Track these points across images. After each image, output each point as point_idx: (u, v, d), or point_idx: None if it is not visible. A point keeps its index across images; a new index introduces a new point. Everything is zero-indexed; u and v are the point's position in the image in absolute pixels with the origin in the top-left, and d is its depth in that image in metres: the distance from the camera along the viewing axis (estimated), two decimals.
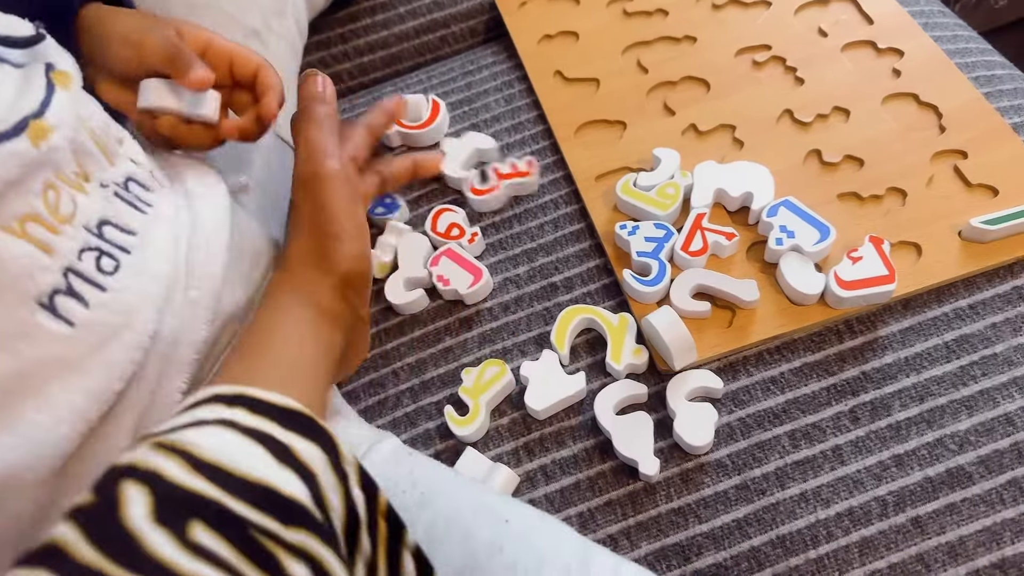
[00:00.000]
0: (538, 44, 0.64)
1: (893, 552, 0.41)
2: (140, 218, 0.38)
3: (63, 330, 0.33)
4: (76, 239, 0.34)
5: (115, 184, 0.38)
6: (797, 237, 0.48)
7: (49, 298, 0.33)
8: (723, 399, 0.47)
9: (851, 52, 0.59)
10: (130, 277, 0.36)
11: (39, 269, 0.32)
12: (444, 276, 0.52)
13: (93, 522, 0.23)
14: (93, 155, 0.37)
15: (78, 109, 0.37)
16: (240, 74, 0.46)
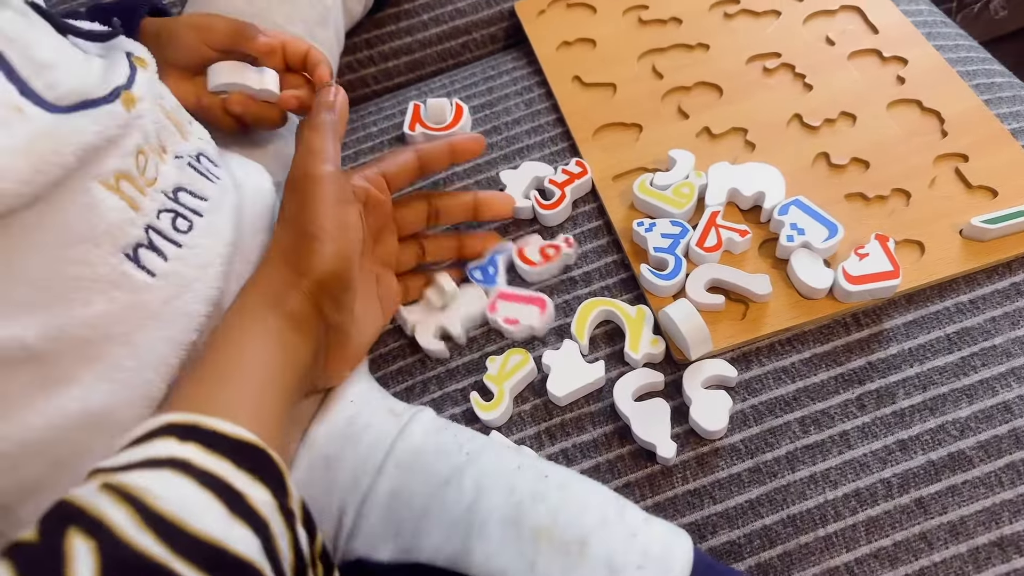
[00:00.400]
0: (557, 50, 0.67)
1: (897, 531, 0.44)
2: (211, 187, 0.43)
3: (146, 279, 0.37)
4: (156, 200, 0.39)
5: (189, 156, 0.43)
6: (807, 234, 0.51)
7: (134, 250, 0.37)
8: (737, 387, 0.49)
9: (857, 60, 0.62)
10: (201, 237, 0.40)
11: (128, 222, 0.36)
12: (511, 318, 0.52)
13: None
14: (169, 129, 0.42)
15: (153, 88, 0.41)
16: (292, 59, 0.51)
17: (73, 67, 0.36)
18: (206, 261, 0.40)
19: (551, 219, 0.57)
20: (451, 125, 0.62)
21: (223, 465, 0.28)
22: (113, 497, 0.25)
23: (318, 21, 0.60)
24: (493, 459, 0.41)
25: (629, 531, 0.37)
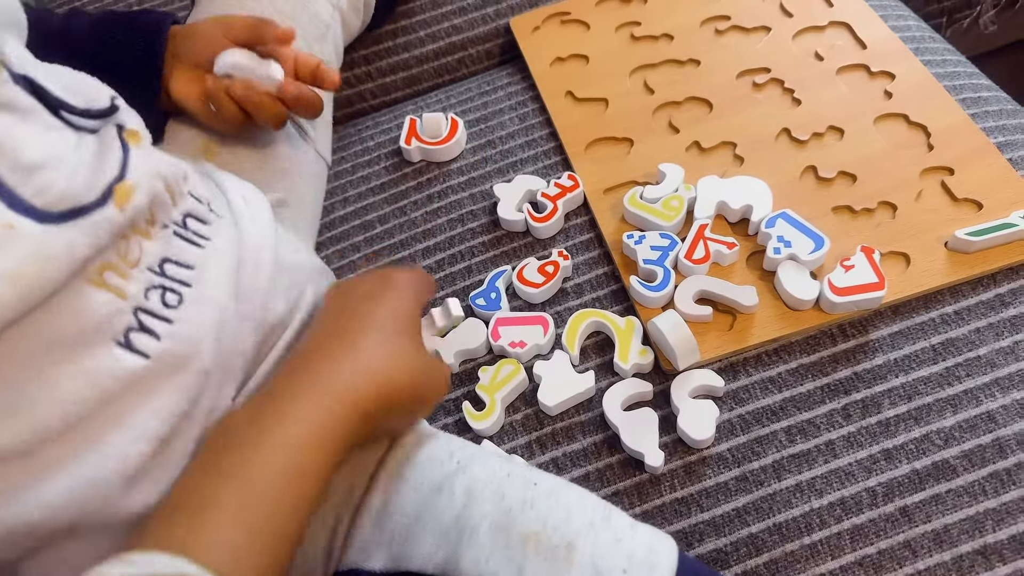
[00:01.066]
0: (550, 66, 0.68)
1: (882, 539, 0.44)
2: (197, 252, 0.41)
3: (140, 362, 0.36)
4: (141, 280, 0.37)
5: (174, 224, 0.40)
6: (794, 247, 0.52)
7: (125, 336, 0.35)
8: (724, 397, 0.50)
9: (845, 75, 0.63)
10: (192, 308, 0.39)
11: (116, 312, 0.35)
12: (516, 341, 0.53)
13: None
14: (164, 204, 0.40)
15: (150, 163, 0.39)
16: (302, 71, 0.53)
17: (64, 163, 0.34)
18: (199, 334, 0.39)
19: (543, 232, 0.58)
20: (446, 139, 0.64)
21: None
22: None
23: (317, 37, 0.62)
24: (483, 467, 0.42)
25: (615, 536, 0.38)
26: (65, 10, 0.57)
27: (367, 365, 0.38)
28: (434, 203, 0.62)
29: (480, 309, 0.55)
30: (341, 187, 0.65)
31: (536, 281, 0.55)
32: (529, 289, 0.55)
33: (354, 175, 0.66)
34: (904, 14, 0.70)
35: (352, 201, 0.64)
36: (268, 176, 0.56)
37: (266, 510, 0.32)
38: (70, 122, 0.36)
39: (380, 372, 0.38)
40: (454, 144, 0.64)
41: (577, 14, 0.71)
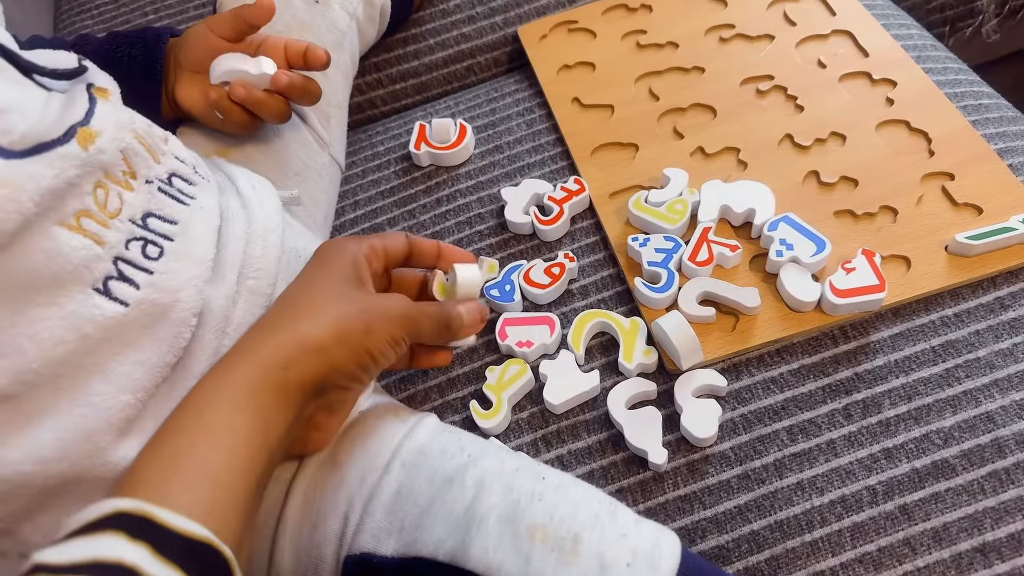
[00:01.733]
0: (557, 73, 0.69)
1: (882, 536, 0.45)
2: (182, 209, 0.43)
3: (119, 310, 0.37)
4: (122, 231, 0.38)
5: (159, 180, 0.42)
6: (796, 250, 0.53)
7: (103, 283, 0.37)
8: (727, 397, 0.51)
9: (848, 82, 0.64)
10: (174, 261, 0.40)
11: (94, 259, 0.36)
12: (523, 340, 0.54)
13: None
14: (140, 155, 0.41)
15: (120, 116, 0.41)
16: (292, 57, 0.54)
17: (30, 110, 0.35)
18: (179, 285, 0.40)
19: (550, 234, 0.59)
20: (455, 144, 0.65)
21: (171, 574, 0.27)
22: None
23: (334, 45, 0.63)
24: (494, 461, 0.43)
25: (620, 531, 0.39)
26: (73, 36, 0.60)
27: (311, 307, 0.39)
28: (443, 206, 0.63)
29: (494, 300, 0.56)
30: (352, 191, 0.66)
31: (542, 282, 0.56)
32: (535, 290, 0.56)
33: (365, 179, 0.67)
34: (906, 23, 0.71)
35: (363, 204, 0.65)
36: (282, 177, 0.58)
37: (220, 455, 0.33)
38: (41, 83, 0.39)
39: (324, 311, 0.39)
40: (462, 149, 0.65)
41: (584, 23, 0.72)
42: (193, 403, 0.36)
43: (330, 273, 0.42)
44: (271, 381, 0.36)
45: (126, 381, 0.37)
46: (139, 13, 0.82)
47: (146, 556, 0.27)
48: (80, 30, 0.83)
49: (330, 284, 0.41)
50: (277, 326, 0.39)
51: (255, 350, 0.37)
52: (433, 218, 0.63)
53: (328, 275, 0.42)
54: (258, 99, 0.52)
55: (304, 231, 0.55)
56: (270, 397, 0.36)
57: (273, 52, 0.55)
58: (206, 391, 0.36)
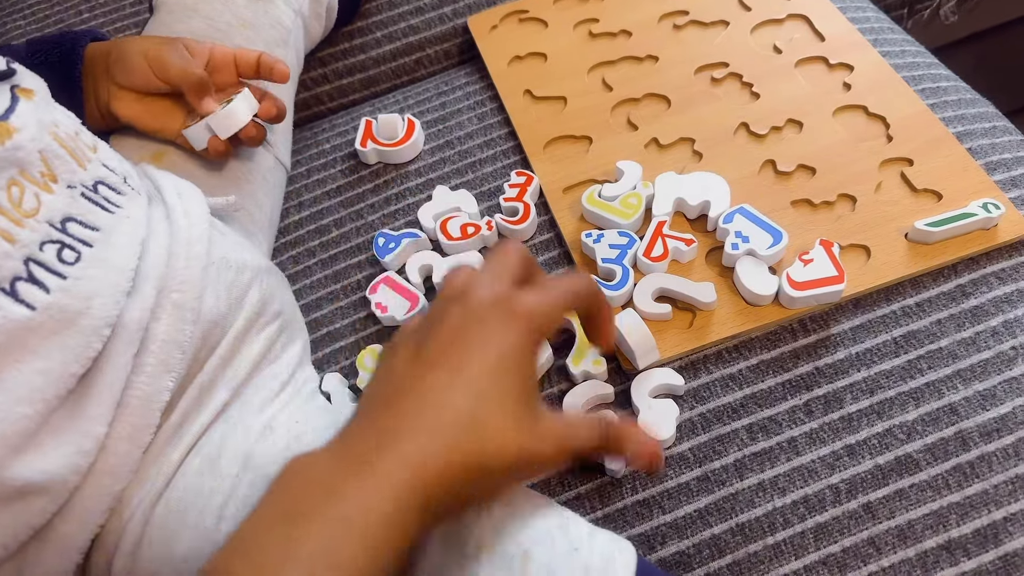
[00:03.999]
0: (508, 65, 0.67)
1: (846, 536, 0.44)
2: (106, 216, 0.41)
3: (24, 312, 0.35)
4: (38, 232, 0.37)
5: (83, 186, 0.41)
6: (752, 242, 0.51)
7: (10, 284, 0.35)
8: (685, 396, 0.49)
9: (804, 68, 0.62)
10: (91, 267, 0.38)
11: (2, 256, 0.35)
12: (382, 304, 0.54)
13: None
14: (61, 158, 0.40)
15: (41, 116, 0.39)
16: (244, 70, 0.53)
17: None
18: (93, 291, 0.38)
19: (523, 233, 0.57)
20: (403, 140, 0.62)
21: None
22: None
23: (278, 42, 0.61)
24: None
25: (571, 545, 0.37)
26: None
27: (434, 435, 0.31)
28: (391, 205, 0.61)
29: (376, 249, 0.57)
30: (296, 191, 0.64)
31: (453, 235, 0.56)
32: (444, 239, 0.56)
33: (309, 178, 0.64)
34: (863, 5, 0.69)
35: (307, 205, 0.63)
36: (222, 182, 0.55)
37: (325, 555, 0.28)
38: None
39: (453, 445, 0.31)
40: (411, 145, 0.62)
41: (535, 12, 0.70)
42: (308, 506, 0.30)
43: (502, 380, 0.33)
44: (407, 518, 0.30)
45: (24, 391, 0.35)
46: (73, 11, 0.78)
47: None
48: (12, 31, 0.79)
49: (503, 398, 0.33)
50: (443, 439, 0.31)
51: (398, 471, 0.30)
52: (381, 218, 0.60)
53: (500, 381, 0.33)
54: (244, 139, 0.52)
55: (240, 239, 0.52)
56: (399, 532, 0.30)
57: (223, 66, 0.52)
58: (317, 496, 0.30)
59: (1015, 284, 0.50)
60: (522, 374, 0.34)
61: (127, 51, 0.51)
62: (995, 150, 0.57)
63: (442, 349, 0.34)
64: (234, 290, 0.46)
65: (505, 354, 0.33)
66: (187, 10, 0.59)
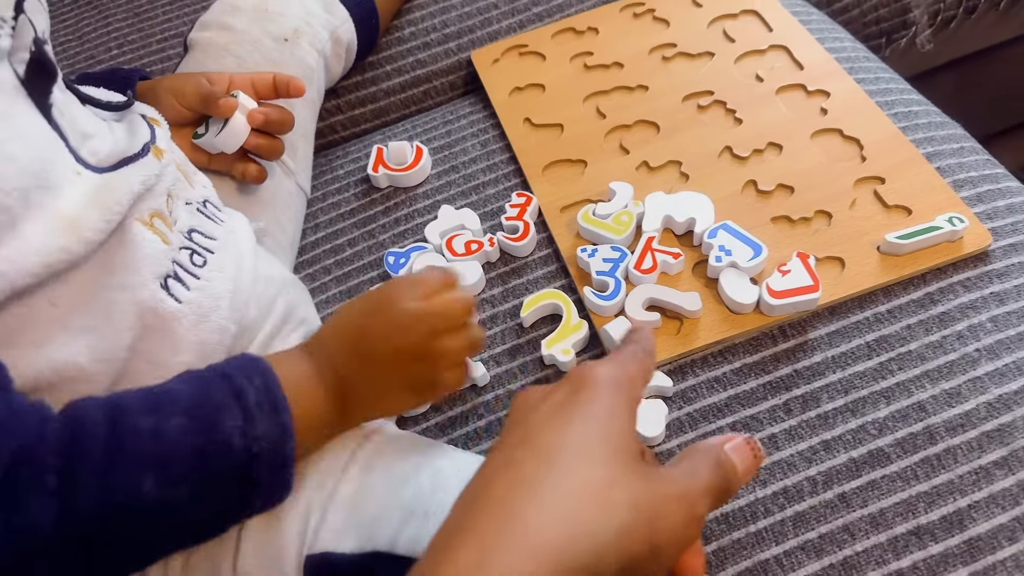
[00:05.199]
0: (509, 95, 0.72)
1: (822, 524, 0.47)
2: (218, 228, 0.48)
3: (176, 305, 0.42)
4: (178, 239, 0.44)
5: (197, 203, 0.49)
6: (734, 255, 0.55)
7: (165, 279, 0.42)
8: (673, 397, 0.53)
9: (784, 95, 0.67)
10: (214, 271, 0.46)
11: (161, 254, 0.42)
12: None
13: None
14: (180, 180, 0.48)
15: (169, 141, 0.48)
16: (262, 91, 0.58)
17: (105, 136, 0.42)
18: (219, 293, 0.45)
19: (523, 250, 0.61)
20: (412, 166, 0.67)
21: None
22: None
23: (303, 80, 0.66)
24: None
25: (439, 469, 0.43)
26: None
27: (544, 534, 0.25)
28: (400, 226, 0.66)
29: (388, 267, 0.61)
30: (312, 214, 0.69)
31: (458, 251, 0.60)
32: (449, 255, 0.60)
33: (325, 202, 0.69)
34: (840, 36, 0.74)
35: (323, 227, 0.67)
36: (249, 207, 0.60)
37: None
38: (95, 113, 0.45)
39: (568, 543, 0.25)
40: (419, 170, 0.67)
41: (534, 46, 0.75)
42: None
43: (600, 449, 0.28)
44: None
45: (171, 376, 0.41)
46: (103, 48, 0.84)
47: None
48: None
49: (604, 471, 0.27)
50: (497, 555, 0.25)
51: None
52: (392, 238, 0.65)
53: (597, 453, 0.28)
54: (258, 145, 0.57)
55: (269, 257, 0.57)
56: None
57: (242, 89, 0.58)
58: None
59: (979, 292, 0.54)
60: (629, 447, 0.29)
61: (157, 90, 0.57)
62: (962, 168, 0.61)
63: (539, 437, 0.29)
64: (263, 300, 0.51)
65: (610, 432, 0.29)
66: (220, 50, 0.64)
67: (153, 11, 0.86)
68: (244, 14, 0.66)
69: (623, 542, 0.25)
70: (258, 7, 0.66)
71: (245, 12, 0.66)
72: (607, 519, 0.26)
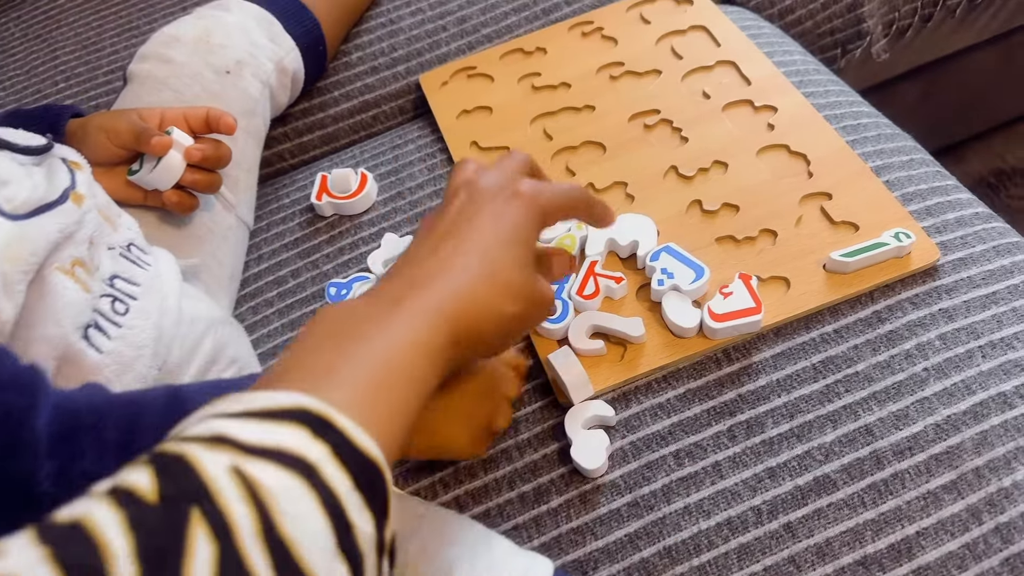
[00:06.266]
0: (457, 119, 0.71)
1: (768, 556, 0.46)
2: (143, 272, 0.47)
3: (96, 356, 0.41)
4: (100, 286, 0.43)
5: (120, 247, 0.47)
6: (676, 278, 0.54)
7: (85, 329, 0.41)
8: (617, 425, 0.51)
9: (731, 111, 0.66)
10: (137, 319, 0.44)
11: (82, 303, 0.41)
12: None
13: (152, 552, 0.21)
14: (102, 225, 0.46)
15: (91, 185, 0.46)
16: (195, 126, 0.57)
17: (22, 182, 0.41)
18: (142, 342, 0.44)
19: None
20: (356, 193, 0.66)
21: (345, 484, 0.26)
22: (242, 492, 0.23)
23: (245, 112, 0.65)
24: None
25: (490, 562, 0.40)
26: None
27: (459, 288, 0.35)
28: (344, 255, 0.64)
29: (329, 298, 0.60)
30: (256, 245, 0.67)
31: None
32: None
33: (269, 232, 0.68)
34: (791, 49, 0.73)
35: (266, 258, 0.66)
36: (183, 243, 0.59)
37: (385, 375, 0.31)
38: (13, 158, 0.44)
39: (472, 298, 0.36)
40: (363, 197, 0.66)
41: (482, 68, 0.75)
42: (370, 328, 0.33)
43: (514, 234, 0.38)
44: (439, 347, 0.34)
45: None
46: (49, 83, 0.83)
47: (326, 459, 0.26)
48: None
49: (513, 260, 0.38)
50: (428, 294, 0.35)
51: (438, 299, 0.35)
52: (335, 268, 0.64)
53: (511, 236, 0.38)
54: (195, 180, 0.56)
55: (199, 295, 0.56)
56: (443, 357, 0.34)
57: (174, 123, 0.57)
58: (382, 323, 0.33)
59: (928, 308, 0.53)
60: (528, 246, 0.39)
61: (88, 128, 0.56)
62: (911, 181, 0.60)
63: (455, 223, 0.38)
64: (187, 341, 0.50)
65: (514, 225, 0.38)
66: (157, 83, 0.64)
67: (100, 43, 0.85)
68: (184, 46, 0.65)
69: (514, 298, 0.38)
70: (200, 39, 0.65)
71: (186, 44, 0.65)
72: (496, 295, 0.37)
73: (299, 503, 0.24)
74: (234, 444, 0.25)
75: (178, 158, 0.55)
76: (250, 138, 0.67)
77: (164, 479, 0.23)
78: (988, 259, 0.55)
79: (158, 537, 0.21)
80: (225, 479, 0.23)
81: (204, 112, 0.57)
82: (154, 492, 0.22)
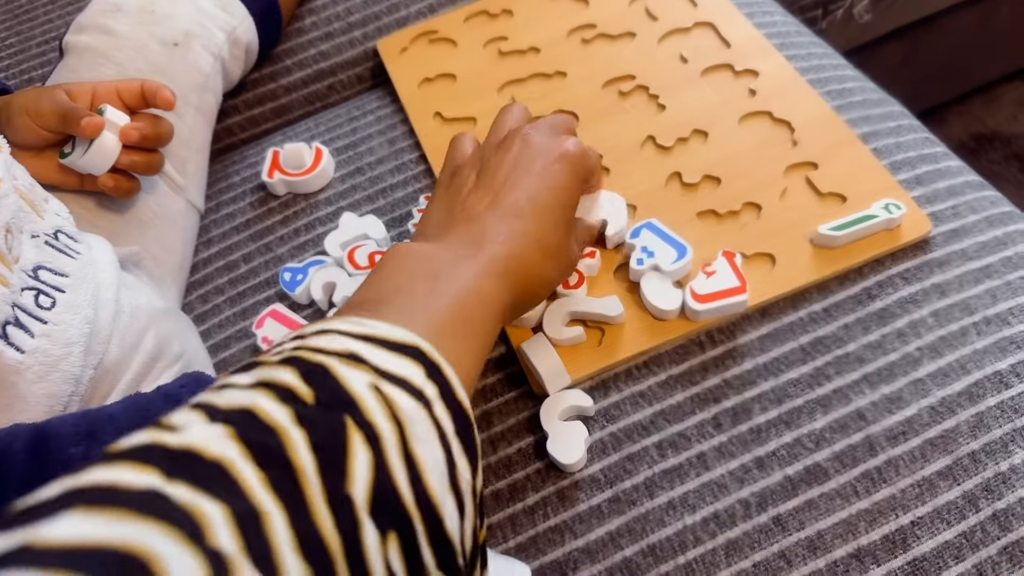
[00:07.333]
0: (419, 87, 0.67)
1: (757, 551, 0.43)
2: (71, 263, 0.43)
3: (16, 356, 0.37)
4: (21, 279, 0.39)
5: (45, 235, 0.43)
6: (657, 257, 0.50)
7: (3, 327, 0.37)
8: (596, 416, 0.48)
9: (710, 76, 0.62)
10: (66, 313, 0.40)
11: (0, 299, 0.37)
12: (269, 338, 0.53)
13: (324, 447, 0.22)
14: (24, 209, 0.42)
15: (10, 169, 0.42)
16: (130, 101, 0.52)
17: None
18: (70, 339, 0.40)
19: None
20: (310, 169, 0.61)
21: (451, 427, 0.27)
22: (384, 410, 0.25)
23: (195, 87, 0.60)
24: None
25: None
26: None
27: (518, 254, 0.38)
28: (300, 237, 0.60)
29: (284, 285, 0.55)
30: (205, 228, 0.63)
31: (361, 264, 0.55)
32: (351, 268, 0.55)
33: (218, 213, 0.63)
34: (771, 10, 0.70)
35: (216, 242, 0.62)
36: (126, 229, 0.54)
37: (458, 311, 0.33)
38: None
39: (528, 263, 0.39)
40: (319, 174, 0.61)
41: (444, 32, 0.70)
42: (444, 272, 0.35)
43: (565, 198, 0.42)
44: (503, 299, 0.37)
45: None
46: None
47: (437, 397, 0.27)
48: None
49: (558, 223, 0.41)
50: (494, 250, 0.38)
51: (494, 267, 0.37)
52: (291, 251, 0.59)
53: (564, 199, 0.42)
54: (133, 162, 0.51)
55: (140, 285, 0.51)
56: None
57: (106, 100, 0.51)
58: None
59: (919, 284, 0.50)
60: (572, 209, 0.43)
61: (11, 110, 0.50)
62: (900, 149, 0.57)
63: (513, 171, 0.41)
64: (128, 335, 0.46)
65: (563, 187, 0.41)
66: (97, 56, 0.58)
67: (33, 11, 0.79)
68: (127, 15, 0.59)
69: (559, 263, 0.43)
70: (144, 8, 0.60)
71: (128, 13, 0.59)
72: (557, 248, 0.42)
73: (427, 431, 0.26)
74: (368, 365, 0.26)
75: (112, 139, 0.50)
76: (200, 115, 0.61)
77: (314, 385, 0.24)
78: (980, 230, 0.53)
79: (326, 435, 0.23)
80: (369, 395, 0.25)
81: (139, 85, 0.52)
82: (311, 395, 0.24)
